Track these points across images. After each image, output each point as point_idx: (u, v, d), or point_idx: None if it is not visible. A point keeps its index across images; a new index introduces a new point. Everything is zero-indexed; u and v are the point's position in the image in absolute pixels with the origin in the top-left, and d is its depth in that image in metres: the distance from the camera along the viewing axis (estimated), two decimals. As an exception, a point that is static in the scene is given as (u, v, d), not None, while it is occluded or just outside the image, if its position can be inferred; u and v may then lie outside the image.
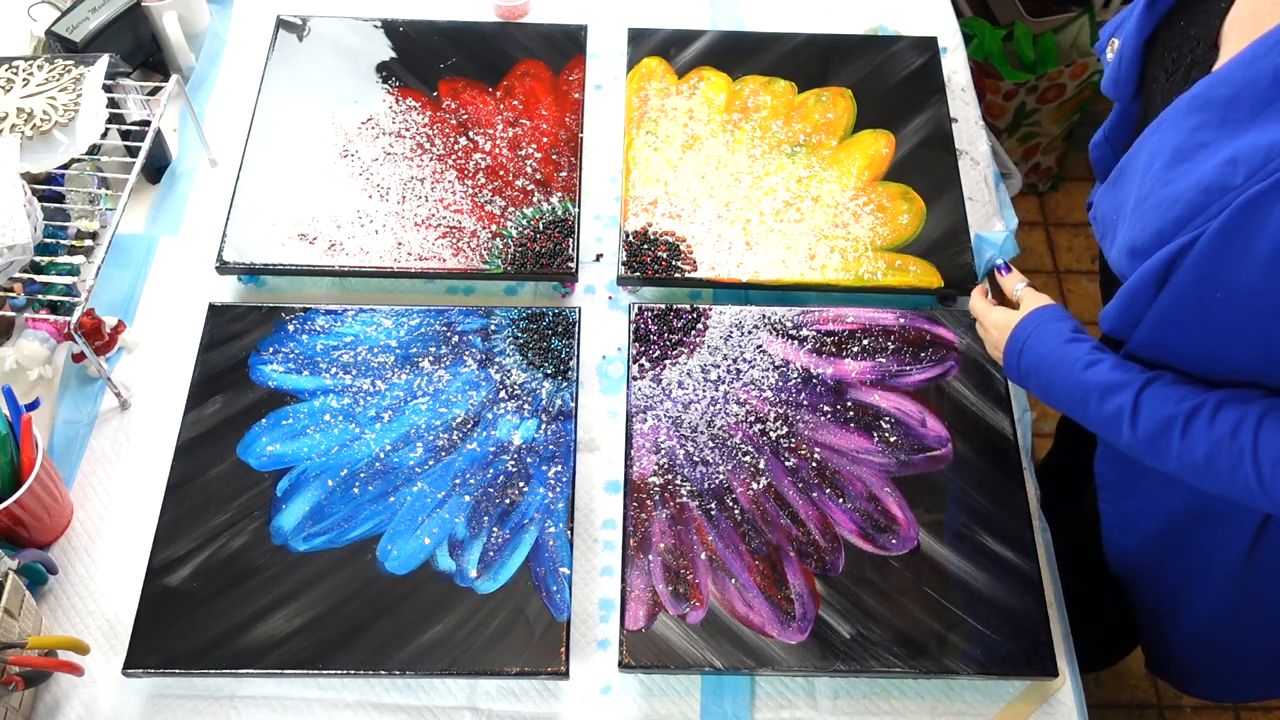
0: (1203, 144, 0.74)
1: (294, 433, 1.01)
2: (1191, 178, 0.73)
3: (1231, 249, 0.71)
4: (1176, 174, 0.75)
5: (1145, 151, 0.80)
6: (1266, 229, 0.69)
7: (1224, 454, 0.77)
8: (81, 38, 1.16)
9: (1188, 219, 0.73)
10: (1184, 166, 0.75)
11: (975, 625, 0.93)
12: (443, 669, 0.90)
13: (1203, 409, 0.78)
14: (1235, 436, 0.76)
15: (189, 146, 1.24)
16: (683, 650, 0.91)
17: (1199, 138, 0.74)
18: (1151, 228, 0.76)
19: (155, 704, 0.91)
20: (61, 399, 1.06)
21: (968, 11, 1.95)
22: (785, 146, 1.22)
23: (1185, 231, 0.73)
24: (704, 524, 0.97)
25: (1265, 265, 0.70)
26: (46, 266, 1.05)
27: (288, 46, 1.27)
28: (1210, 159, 0.73)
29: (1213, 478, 0.78)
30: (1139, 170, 0.81)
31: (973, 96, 1.32)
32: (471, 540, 0.96)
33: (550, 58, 1.27)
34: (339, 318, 1.08)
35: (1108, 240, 0.87)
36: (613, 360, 1.10)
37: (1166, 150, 0.77)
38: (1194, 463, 0.78)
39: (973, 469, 1.01)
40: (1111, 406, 0.82)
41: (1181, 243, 0.73)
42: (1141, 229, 0.78)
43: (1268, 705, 1.71)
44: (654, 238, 1.14)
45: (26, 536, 0.95)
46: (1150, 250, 0.77)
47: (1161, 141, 0.78)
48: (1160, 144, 0.78)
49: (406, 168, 1.18)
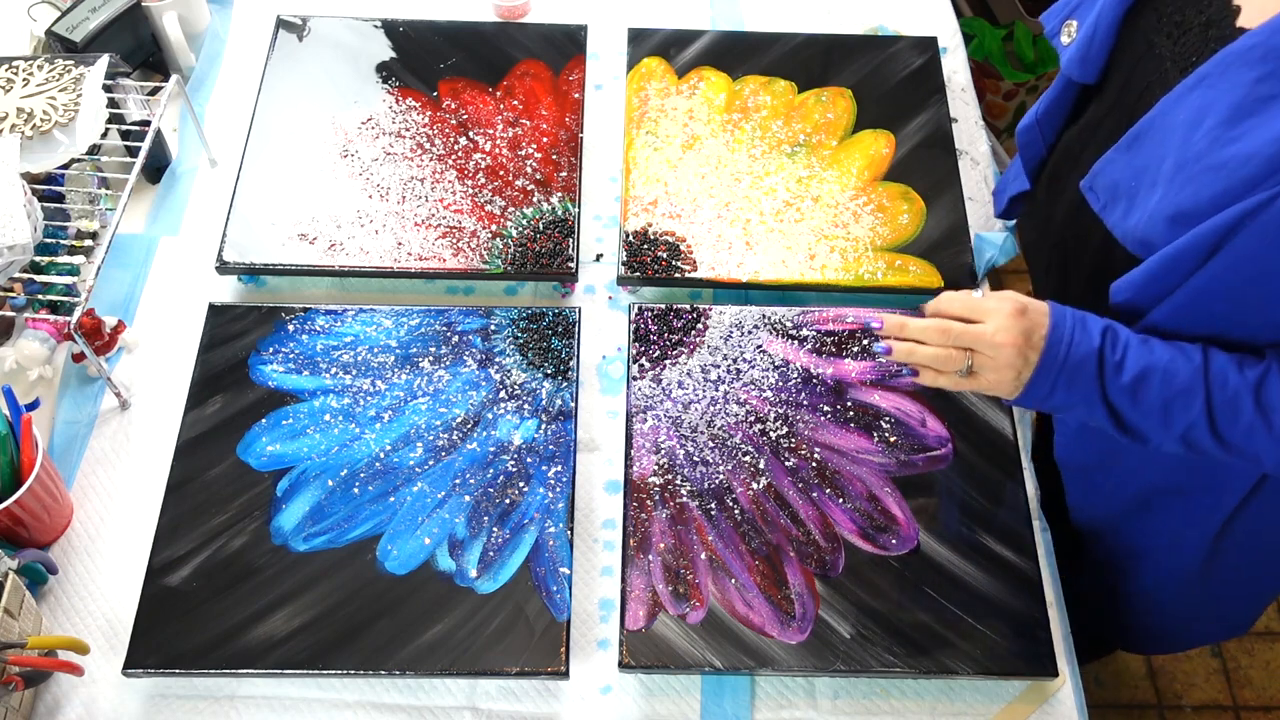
0: (1271, 96, 0.69)
1: (294, 433, 1.01)
2: (1264, 133, 0.68)
3: None
4: (1240, 131, 0.70)
5: (1185, 110, 0.75)
6: None
7: None
8: (81, 38, 1.16)
9: (1263, 178, 0.68)
10: (1250, 122, 0.70)
11: (975, 625, 0.93)
12: (443, 669, 0.90)
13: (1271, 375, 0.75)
14: None
15: (189, 146, 1.24)
16: (683, 650, 0.91)
17: (1264, 90, 0.69)
18: (1209, 190, 0.71)
19: (155, 704, 0.91)
20: (61, 399, 1.06)
21: (968, 11, 1.95)
22: (785, 146, 1.22)
23: (1259, 190, 0.68)
24: (704, 524, 0.97)
25: None
26: (46, 266, 1.05)
27: (288, 46, 1.27)
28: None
29: None
30: (1177, 130, 0.75)
31: (973, 96, 1.32)
32: (471, 540, 0.96)
33: (550, 58, 1.27)
34: (339, 318, 1.08)
35: (1117, 210, 0.82)
36: (613, 360, 1.11)
37: (1222, 106, 0.71)
38: (1267, 435, 0.75)
39: (973, 469, 1.01)
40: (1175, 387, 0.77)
41: (1253, 203, 0.69)
42: (1193, 192, 0.73)
43: (1268, 705, 1.71)
44: (654, 238, 1.14)
45: (26, 536, 0.95)
46: (1205, 214, 0.72)
47: (1210, 98, 0.72)
48: (1209, 101, 0.73)
49: (406, 168, 1.18)
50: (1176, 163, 0.75)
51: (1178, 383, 0.77)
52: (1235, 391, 0.76)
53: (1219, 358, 0.77)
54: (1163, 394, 0.77)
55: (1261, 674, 1.74)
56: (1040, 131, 1.00)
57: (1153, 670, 1.74)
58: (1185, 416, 0.77)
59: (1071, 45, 0.91)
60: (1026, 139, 1.01)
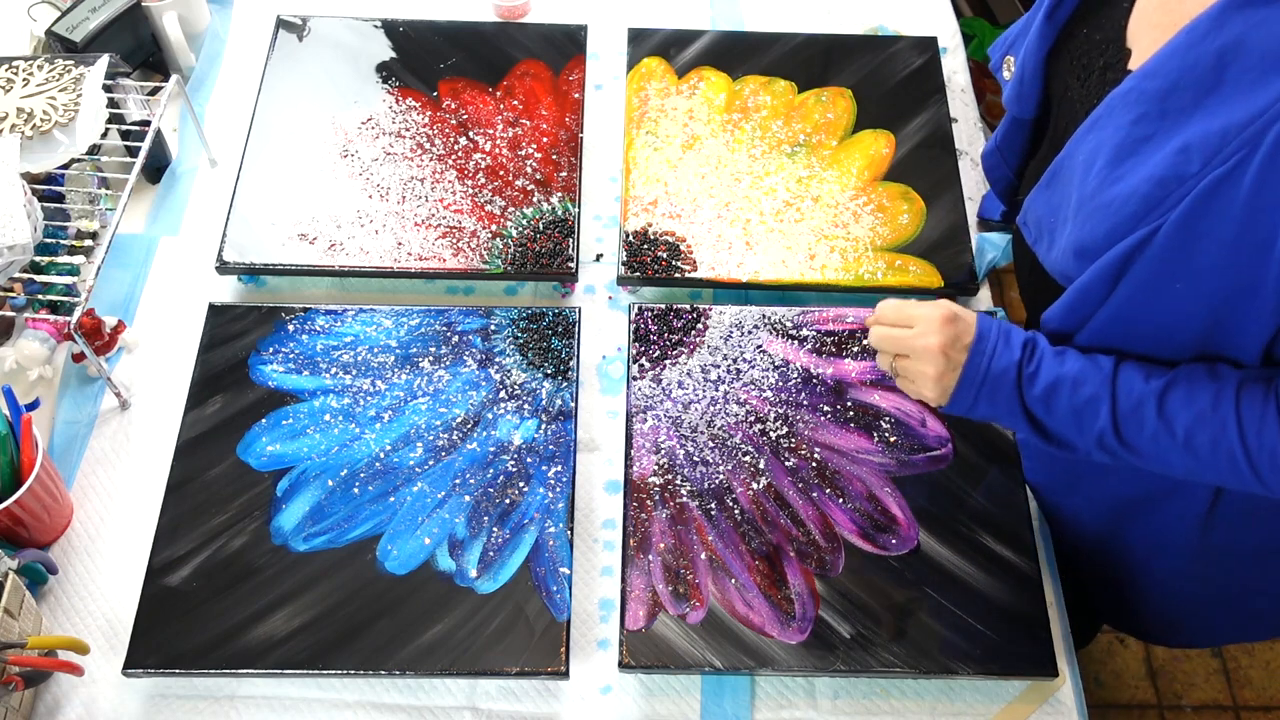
0: (1145, 137, 0.73)
1: (294, 433, 1.01)
2: (1141, 172, 0.73)
3: (1194, 236, 0.70)
4: (1123, 170, 0.74)
5: (1083, 151, 0.79)
6: (1231, 212, 0.68)
7: (1205, 426, 0.76)
8: (81, 38, 1.16)
9: (1143, 214, 0.72)
10: (1130, 162, 0.74)
11: (975, 625, 0.93)
12: (443, 669, 0.90)
13: (1175, 385, 0.77)
14: (1216, 409, 0.75)
15: (189, 146, 1.24)
16: (683, 650, 0.91)
17: (1140, 131, 0.74)
18: (1102, 227, 0.76)
19: (155, 704, 0.91)
20: (61, 399, 1.06)
21: (968, 11, 1.95)
22: (785, 146, 1.22)
23: (1142, 225, 0.73)
24: (704, 524, 0.97)
25: (1231, 245, 0.69)
26: (46, 266, 1.06)
27: (288, 46, 1.27)
28: (1158, 151, 0.72)
29: (1190, 456, 0.77)
30: (1077, 171, 0.80)
31: (972, 97, 1.32)
32: (471, 540, 0.96)
33: (550, 58, 1.27)
34: (339, 318, 1.08)
35: (1043, 244, 0.86)
36: (613, 360, 1.11)
37: (1107, 148, 0.76)
38: (1170, 442, 0.77)
39: (973, 469, 1.01)
40: (1083, 395, 0.80)
41: (1139, 237, 0.73)
42: (1090, 229, 0.77)
43: (1268, 705, 1.71)
44: (654, 238, 1.14)
45: (26, 536, 0.95)
46: (1101, 249, 0.76)
47: (1100, 140, 0.77)
48: (1099, 143, 0.77)
49: (406, 168, 1.18)
50: (1078, 200, 0.79)
51: (1085, 391, 0.80)
52: (1139, 399, 0.78)
53: (1128, 368, 0.79)
54: (1071, 402, 0.80)
55: (1261, 674, 1.74)
56: (1003, 157, 1.05)
57: (1153, 670, 1.74)
58: (1095, 423, 0.80)
59: (1009, 82, 0.95)
60: (990, 163, 1.07)
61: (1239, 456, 0.75)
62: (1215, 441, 0.76)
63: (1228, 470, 0.77)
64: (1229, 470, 0.77)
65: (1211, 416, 0.76)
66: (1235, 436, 0.75)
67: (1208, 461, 0.77)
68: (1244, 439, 0.75)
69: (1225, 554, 0.96)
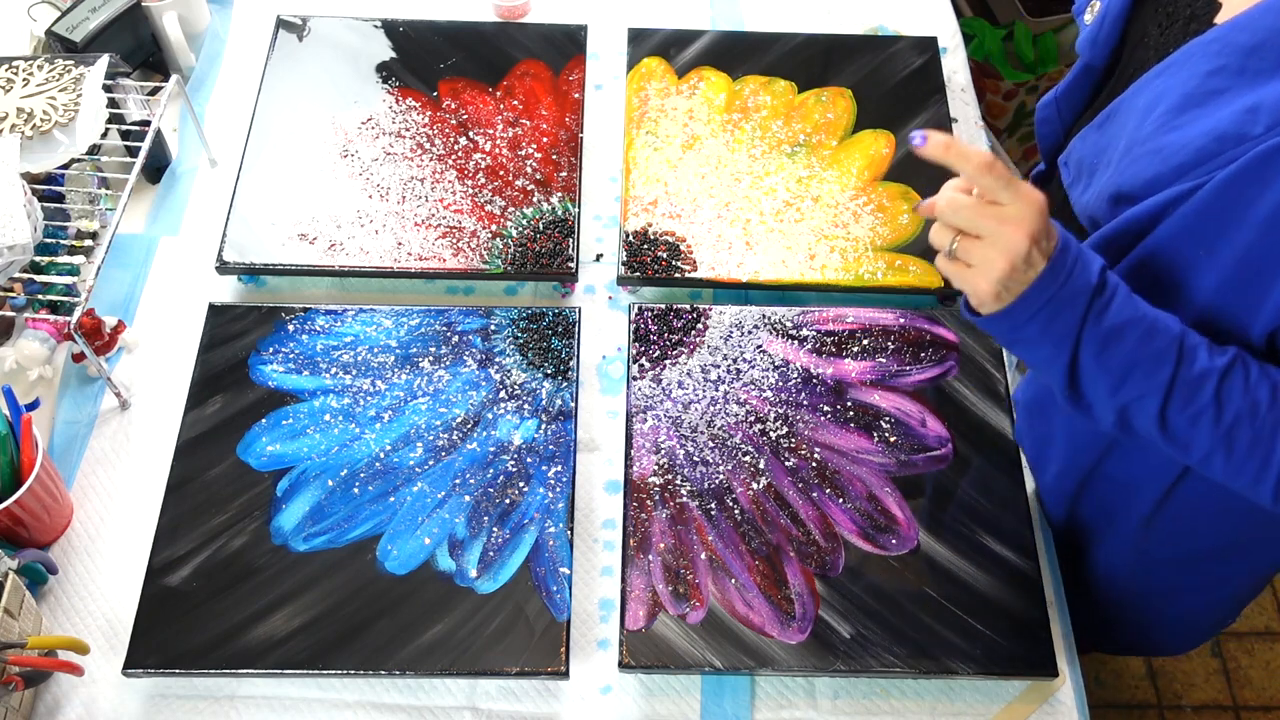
0: (1218, 90, 0.69)
1: (294, 433, 1.01)
2: (1203, 124, 0.69)
3: (1234, 202, 0.67)
4: (1185, 119, 0.70)
5: (1147, 95, 0.75)
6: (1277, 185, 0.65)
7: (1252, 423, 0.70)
8: (81, 38, 1.16)
9: (1191, 166, 0.68)
10: (1195, 112, 0.70)
11: (975, 625, 0.93)
12: (443, 669, 0.90)
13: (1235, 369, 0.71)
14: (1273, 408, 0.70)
15: (189, 146, 1.24)
16: (683, 650, 0.91)
17: (1214, 83, 0.69)
18: (1146, 173, 0.72)
19: (155, 704, 0.91)
20: (61, 399, 1.06)
21: (968, 11, 1.95)
22: (785, 146, 1.22)
23: (1186, 179, 0.69)
24: (704, 524, 0.97)
25: (1261, 227, 0.66)
26: (46, 266, 1.06)
27: (288, 46, 1.27)
28: (1227, 106, 0.68)
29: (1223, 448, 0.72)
30: (1135, 114, 0.76)
31: (973, 96, 1.32)
32: (471, 540, 0.96)
33: (550, 58, 1.27)
34: (339, 318, 1.08)
35: (1079, 185, 0.81)
36: (613, 360, 1.11)
37: (1174, 95, 0.72)
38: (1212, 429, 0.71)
39: (973, 469, 1.01)
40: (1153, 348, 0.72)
41: (1179, 190, 0.69)
42: (1133, 174, 0.73)
43: (1268, 705, 1.71)
44: (654, 238, 1.14)
45: (26, 536, 0.95)
46: (1140, 197, 0.72)
47: (1168, 86, 0.73)
48: (1166, 88, 0.73)
49: (406, 168, 1.18)
50: (1127, 144, 0.75)
51: (1156, 344, 0.71)
52: (1201, 373, 0.71)
53: (1193, 335, 0.72)
54: (1136, 352, 0.71)
55: (1261, 674, 1.74)
56: (1058, 109, 0.98)
57: (1153, 670, 1.74)
58: (1145, 383, 0.72)
59: (1089, 26, 0.90)
60: (1043, 115, 0.99)
61: (1274, 465, 0.71)
62: (1255, 441, 0.71)
63: (1251, 474, 0.72)
64: (1252, 475, 0.72)
65: (1267, 414, 0.70)
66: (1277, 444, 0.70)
67: (1237, 459, 0.72)
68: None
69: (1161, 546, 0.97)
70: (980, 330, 0.91)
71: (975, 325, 0.76)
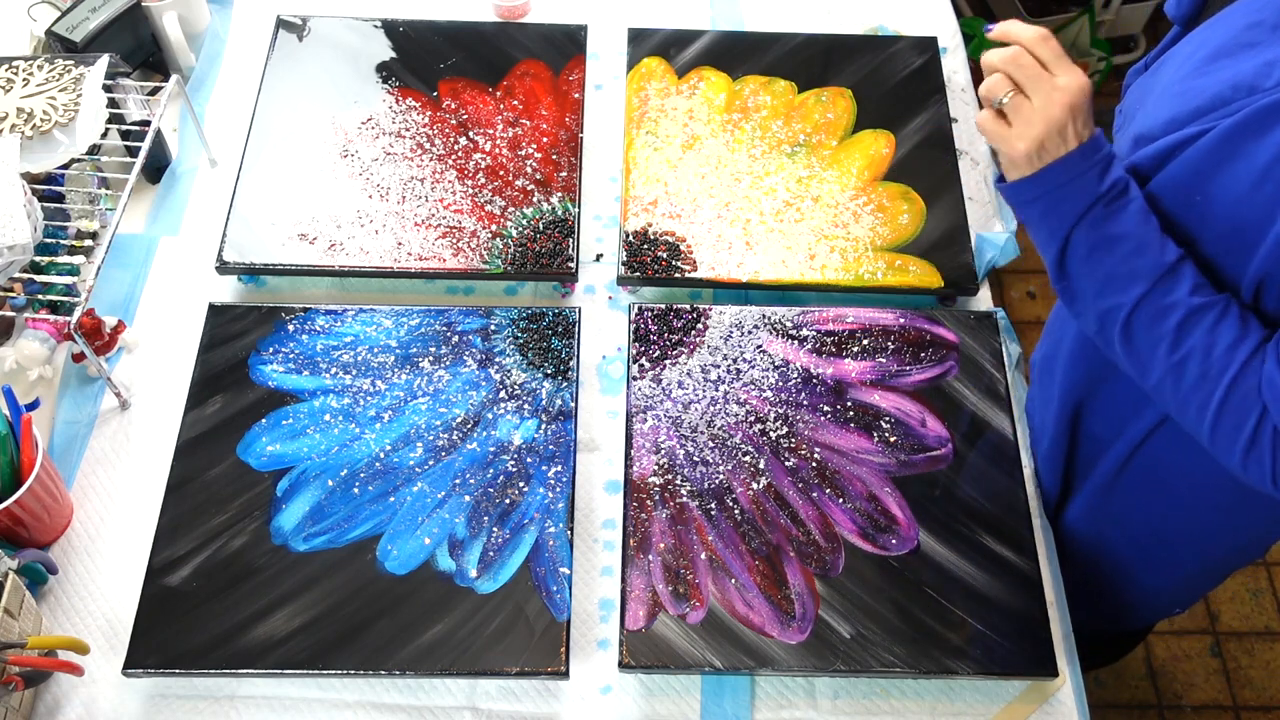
0: (1250, 44, 0.70)
1: (294, 433, 1.01)
2: (1226, 74, 0.70)
3: (1234, 151, 0.68)
4: (1214, 67, 0.72)
5: (1189, 44, 0.76)
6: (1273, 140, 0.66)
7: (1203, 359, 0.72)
8: (81, 38, 1.16)
9: (1205, 111, 0.70)
10: (1224, 62, 0.71)
11: (975, 625, 0.93)
12: (443, 669, 0.90)
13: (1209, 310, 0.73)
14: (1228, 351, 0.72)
15: (189, 146, 1.24)
16: (683, 650, 0.91)
17: (1248, 37, 0.71)
18: (1165, 113, 0.73)
19: (155, 704, 0.91)
20: (61, 399, 1.06)
21: (968, 11, 1.95)
22: (785, 146, 1.22)
23: (1196, 123, 0.70)
24: (704, 524, 0.97)
25: (1254, 179, 0.67)
26: (46, 266, 1.06)
27: (288, 46, 1.27)
28: (1255, 59, 0.69)
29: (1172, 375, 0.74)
30: (1176, 61, 0.77)
31: (973, 96, 1.32)
32: (471, 540, 0.96)
33: (550, 58, 1.27)
34: (339, 318, 1.08)
35: (1122, 131, 0.82)
36: (613, 360, 1.11)
37: (1211, 45, 0.73)
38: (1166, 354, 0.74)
39: (973, 469, 1.01)
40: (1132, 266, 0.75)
41: (1187, 134, 0.70)
42: (1155, 116, 0.74)
43: (1268, 705, 1.71)
44: (654, 238, 1.14)
45: (26, 536, 0.95)
46: (1156, 137, 0.73)
47: (1207, 36, 0.74)
48: (1205, 39, 0.74)
49: (406, 168, 1.18)
50: (1161, 88, 0.77)
51: (1138, 263, 0.74)
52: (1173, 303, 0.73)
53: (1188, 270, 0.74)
54: (1119, 265, 0.75)
55: (1261, 674, 1.74)
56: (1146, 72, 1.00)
57: (1153, 670, 1.74)
58: (1119, 296, 0.75)
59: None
60: (1128, 81, 0.99)
61: (1213, 404, 0.72)
62: (1203, 377, 0.73)
63: (1194, 410, 0.74)
64: (1195, 410, 0.74)
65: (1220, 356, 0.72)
66: (1224, 387, 0.72)
67: (1184, 391, 0.74)
68: (1229, 392, 0.72)
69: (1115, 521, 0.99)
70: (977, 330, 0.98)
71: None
